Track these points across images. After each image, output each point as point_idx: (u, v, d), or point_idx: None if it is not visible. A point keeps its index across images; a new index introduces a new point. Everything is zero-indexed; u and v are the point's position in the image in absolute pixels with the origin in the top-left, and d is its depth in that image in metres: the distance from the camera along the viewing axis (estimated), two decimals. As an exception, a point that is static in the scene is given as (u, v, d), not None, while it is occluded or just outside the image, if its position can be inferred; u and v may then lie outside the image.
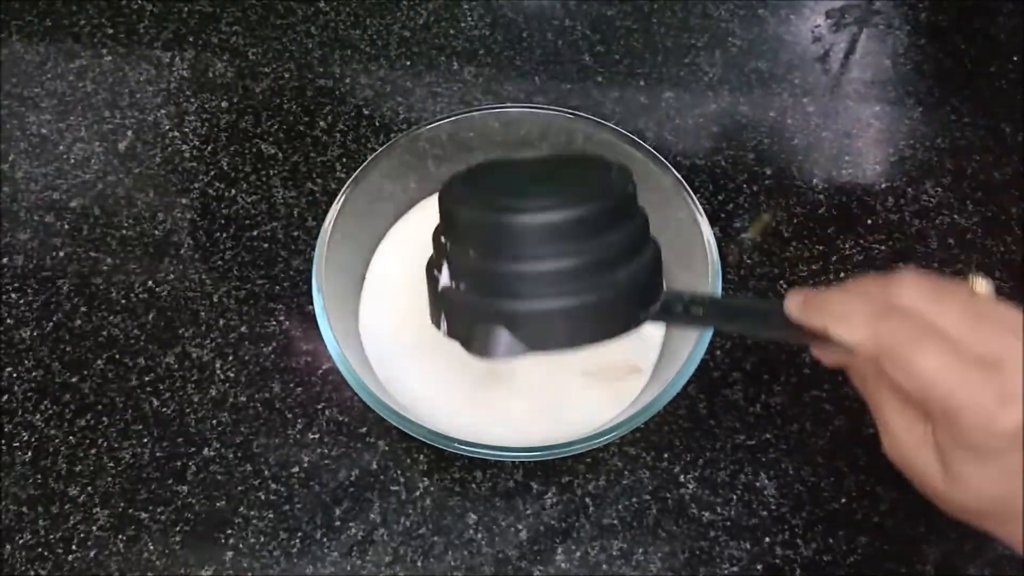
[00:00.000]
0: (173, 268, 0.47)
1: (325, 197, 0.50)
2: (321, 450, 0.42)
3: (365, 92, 0.54)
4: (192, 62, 0.55)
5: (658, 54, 0.56)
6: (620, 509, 0.41)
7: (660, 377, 0.39)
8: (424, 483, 0.41)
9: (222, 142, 0.52)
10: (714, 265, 0.38)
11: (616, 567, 0.39)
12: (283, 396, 0.43)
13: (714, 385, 0.44)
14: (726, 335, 0.45)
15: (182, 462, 0.42)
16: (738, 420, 0.43)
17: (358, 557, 0.39)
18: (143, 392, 0.43)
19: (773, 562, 0.40)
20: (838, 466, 0.42)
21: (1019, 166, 0.52)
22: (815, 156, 0.52)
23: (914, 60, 0.57)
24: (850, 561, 0.40)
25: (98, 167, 0.51)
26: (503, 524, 0.40)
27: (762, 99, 0.55)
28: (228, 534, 0.40)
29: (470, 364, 0.41)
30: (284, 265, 0.47)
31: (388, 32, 0.57)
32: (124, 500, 0.41)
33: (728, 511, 0.41)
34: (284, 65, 0.55)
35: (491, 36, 0.57)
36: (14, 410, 0.43)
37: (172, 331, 0.45)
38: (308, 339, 0.45)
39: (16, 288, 0.47)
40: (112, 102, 0.54)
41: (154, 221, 0.49)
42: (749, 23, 0.58)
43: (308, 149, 0.52)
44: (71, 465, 0.41)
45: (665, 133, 0.53)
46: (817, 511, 0.41)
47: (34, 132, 0.52)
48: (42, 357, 0.44)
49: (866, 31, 0.58)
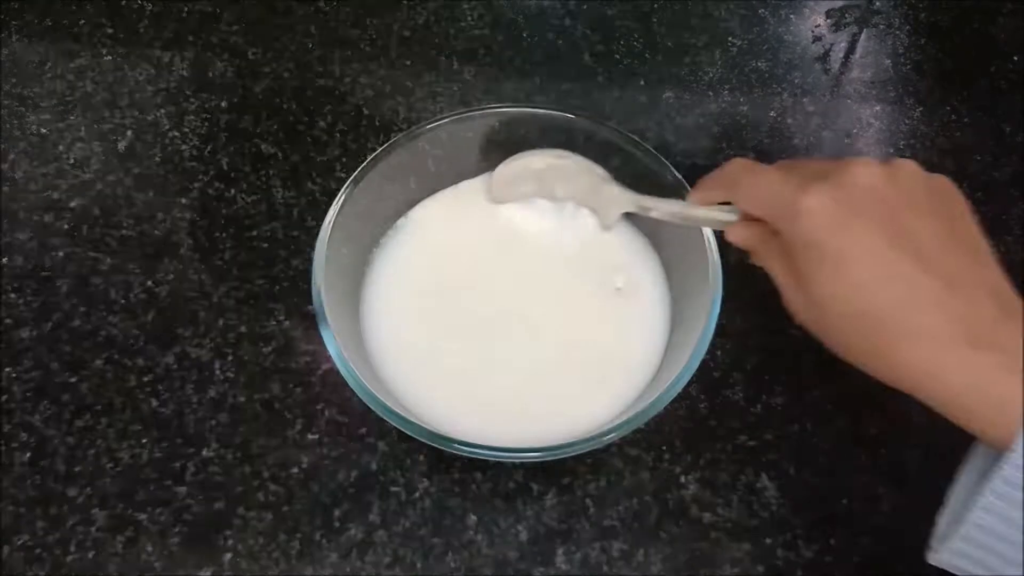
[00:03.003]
0: (172, 268, 0.47)
1: (325, 197, 0.50)
2: (320, 451, 0.42)
3: (365, 92, 0.54)
4: (192, 62, 0.55)
5: (658, 54, 0.56)
6: (620, 510, 0.41)
7: (660, 377, 0.39)
8: (424, 484, 0.41)
9: (222, 142, 0.52)
10: (714, 265, 0.38)
11: (617, 568, 0.39)
12: (282, 396, 0.43)
13: (715, 385, 0.44)
14: (726, 335, 0.44)
15: (181, 463, 0.41)
16: (739, 420, 0.43)
17: (357, 558, 0.39)
18: (142, 392, 0.43)
19: (774, 563, 0.39)
20: (839, 467, 0.41)
21: (1019, 166, 0.52)
22: (815, 156, 0.52)
23: (914, 60, 0.57)
24: (851, 562, 0.39)
25: (98, 167, 0.51)
26: (503, 525, 0.40)
27: (762, 99, 0.55)
28: (227, 535, 0.40)
29: (471, 364, 0.41)
30: (284, 265, 0.47)
31: (388, 32, 0.57)
32: (123, 501, 0.40)
33: (729, 512, 0.40)
34: (284, 65, 0.55)
35: (491, 36, 0.57)
36: (13, 410, 0.43)
37: (171, 331, 0.45)
38: (308, 339, 0.45)
39: (15, 288, 0.46)
40: (112, 102, 0.53)
41: (153, 221, 0.49)
42: (749, 23, 0.58)
43: (308, 149, 0.52)
44: (70, 466, 0.41)
45: (665, 133, 0.53)
46: (818, 512, 0.40)
47: (34, 132, 0.52)
48: (41, 357, 0.44)
49: (866, 31, 0.58)
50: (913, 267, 0.29)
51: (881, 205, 0.30)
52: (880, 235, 0.29)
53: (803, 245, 0.31)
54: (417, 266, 0.44)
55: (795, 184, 0.31)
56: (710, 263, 0.38)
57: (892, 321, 0.29)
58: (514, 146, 0.44)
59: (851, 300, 0.29)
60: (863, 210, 0.30)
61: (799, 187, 0.31)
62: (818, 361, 0.44)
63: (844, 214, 0.30)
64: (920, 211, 0.30)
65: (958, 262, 0.29)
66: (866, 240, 0.29)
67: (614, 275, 0.43)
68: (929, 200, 0.31)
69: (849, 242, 0.29)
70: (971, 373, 0.27)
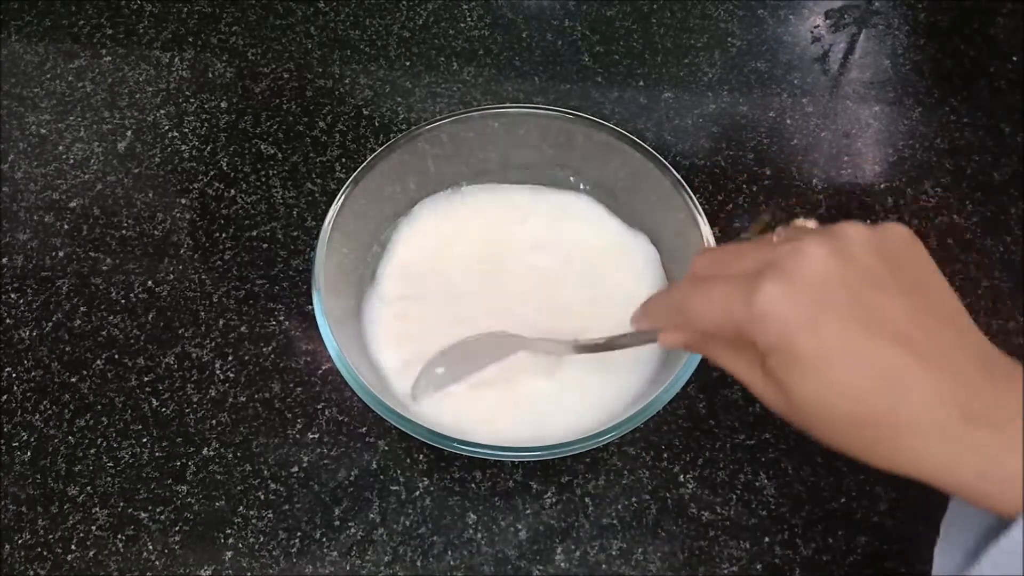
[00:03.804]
0: (173, 268, 0.47)
1: (324, 197, 0.50)
2: (320, 450, 0.42)
3: (364, 92, 0.54)
4: (191, 62, 0.55)
5: (658, 54, 0.57)
6: (619, 509, 0.41)
7: (660, 377, 0.39)
8: (424, 483, 0.41)
9: (221, 142, 0.52)
10: (713, 265, 0.38)
11: (615, 567, 0.39)
12: (283, 396, 0.43)
13: (713, 385, 0.44)
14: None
15: (181, 462, 0.42)
16: (737, 420, 0.43)
17: (357, 557, 0.39)
18: (142, 392, 0.43)
19: (772, 561, 0.40)
20: (837, 466, 0.42)
21: (1018, 166, 0.52)
22: (814, 156, 0.52)
23: (913, 60, 0.57)
24: (849, 560, 0.40)
25: (97, 167, 0.51)
26: (503, 524, 0.40)
27: (761, 99, 0.55)
28: (227, 534, 0.40)
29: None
30: (284, 265, 0.47)
31: (388, 32, 0.57)
32: (123, 500, 0.41)
33: (727, 511, 0.41)
34: (283, 65, 0.55)
35: (491, 36, 0.57)
36: (13, 410, 0.43)
37: (172, 331, 0.45)
38: (308, 339, 0.45)
39: (16, 288, 0.47)
40: (111, 102, 0.54)
41: (153, 221, 0.49)
42: (748, 23, 0.58)
43: (307, 149, 0.52)
44: (70, 465, 0.41)
45: (665, 133, 0.53)
46: (816, 511, 0.41)
47: (33, 132, 0.52)
48: (41, 357, 0.44)
49: (865, 31, 0.59)
50: (894, 353, 0.26)
51: (841, 289, 0.27)
52: (852, 326, 0.27)
53: (772, 349, 0.28)
54: (417, 266, 0.44)
55: (743, 289, 0.28)
56: (709, 263, 0.38)
57: (883, 419, 0.27)
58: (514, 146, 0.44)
59: (837, 404, 0.27)
60: (825, 301, 0.27)
61: (749, 291, 0.28)
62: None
63: (806, 310, 0.27)
64: (883, 286, 0.28)
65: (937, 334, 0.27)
66: (838, 335, 0.27)
67: (613, 275, 0.43)
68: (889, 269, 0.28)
69: (821, 342, 0.27)
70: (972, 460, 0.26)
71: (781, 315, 0.27)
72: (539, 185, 0.46)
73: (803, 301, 0.27)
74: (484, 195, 0.45)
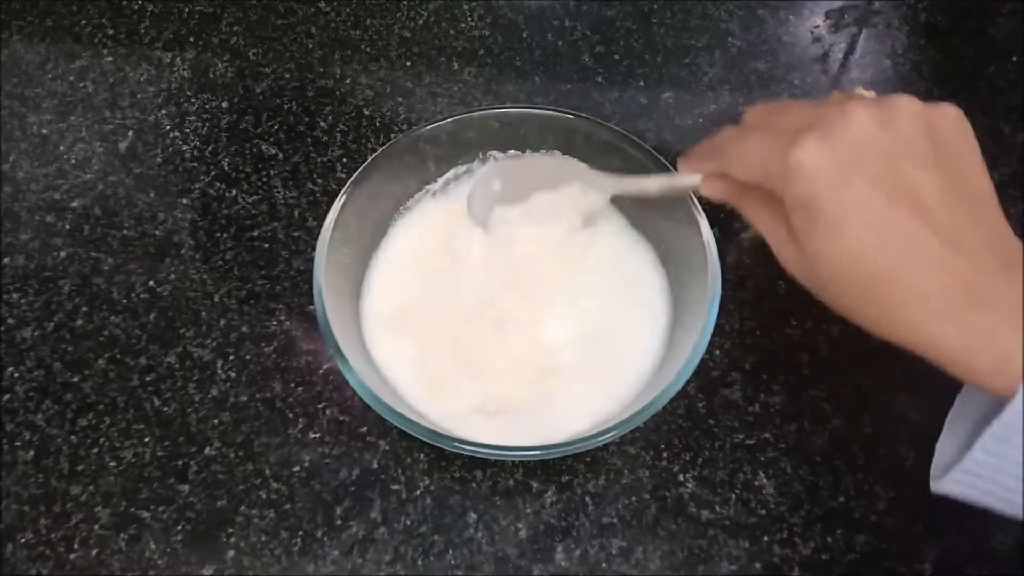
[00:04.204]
0: (174, 268, 0.47)
1: (325, 197, 0.50)
2: (322, 449, 0.42)
3: (365, 92, 0.54)
4: (193, 62, 0.55)
5: (658, 54, 0.57)
6: (619, 508, 0.41)
7: (660, 377, 0.39)
8: (424, 482, 0.41)
9: (223, 142, 0.52)
10: (713, 265, 0.39)
11: (615, 565, 0.39)
12: (284, 396, 0.43)
13: (713, 385, 0.44)
14: (725, 335, 0.45)
15: (183, 461, 0.42)
16: (737, 419, 0.43)
17: (359, 556, 0.39)
18: (144, 392, 0.44)
19: (772, 561, 0.40)
20: (836, 465, 0.42)
21: (1018, 166, 0.52)
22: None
23: (913, 60, 0.57)
24: (848, 560, 0.40)
25: (99, 167, 0.51)
26: (503, 523, 0.40)
27: (762, 99, 0.55)
28: (229, 533, 0.40)
29: (471, 363, 0.41)
30: (285, 265, 0.47)
31: (388, 32, 0.57)
32: (125, 499, 0.41)
33: (727, 510, 0.41)
34: (284, 65, 0.55)
35: (491, 36, 0.57)
36: (16, 410, 0.43)
37: (173, 331, 0.45)
38: (309, 339, 0.45)
39: (17, 288, 0.47)
40: (113, 102, 0.54)
41: (155, 221, 0.49)
42: (749, 24, 0.58)
43: (308, 149, 0.52)
44: (73, 464, 0.42)
45: (665, 133, 0.53)
46: (815, 510, 0.41)
47: (35, 132, 0.52)
48: (43, 357, 0.45)
49: (865, 31, 0.59)
50: (912, 225, 0.27)
51: (878, 156, 0.28)
52: (878, 192, 0.28)
53: (799, 204, 0.29)
54: (417, 266, 0.44)
55: (784, 141, 0.29)
56: (709, 263, 0.39)
57: (891, 285, 0.28)
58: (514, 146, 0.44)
59: (848, 263, 0.28)
60: (859, 164, 0.28)
61: (789, 143, 0.28)
62: (816, 361, 0.44)
63: (839, 170, 0.28)
64: (920, 159, 0.28)
65: (959, 214, 0.28)
66: (863, 200, 0.28)
67: (613, 275, 0.43)
68: (930, 144, 0.29)
69: (846, 202, 0.28)
70: (972, 334, 0.27)
71: (812, 169, 0.28)
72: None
73: (837, 160, 0.28)
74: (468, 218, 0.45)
